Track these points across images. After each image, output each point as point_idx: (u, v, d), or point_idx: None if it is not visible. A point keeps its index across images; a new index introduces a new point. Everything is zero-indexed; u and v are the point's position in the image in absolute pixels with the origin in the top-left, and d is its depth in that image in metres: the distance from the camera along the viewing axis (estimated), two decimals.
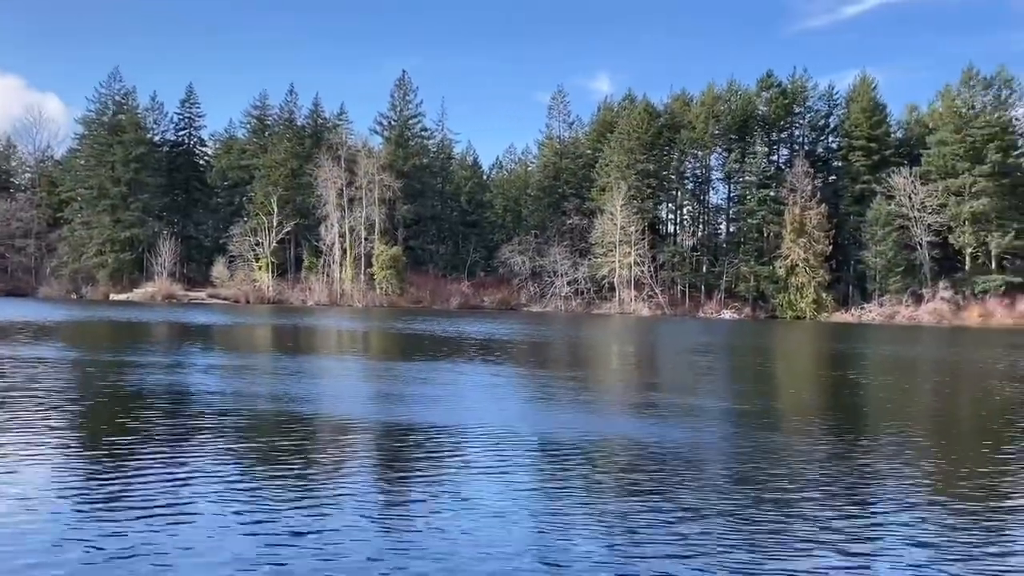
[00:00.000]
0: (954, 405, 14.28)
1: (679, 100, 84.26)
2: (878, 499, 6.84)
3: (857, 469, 7.95)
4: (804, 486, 7.15)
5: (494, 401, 12.48)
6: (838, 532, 5.79)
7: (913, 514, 6.37)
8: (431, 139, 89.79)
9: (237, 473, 7.14)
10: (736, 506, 6.38)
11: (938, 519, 6.24)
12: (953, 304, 67.54)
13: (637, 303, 74.08)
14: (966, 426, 11.68)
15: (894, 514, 6.36)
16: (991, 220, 69.27)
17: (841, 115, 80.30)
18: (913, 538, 5.75)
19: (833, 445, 9.24)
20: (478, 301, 75.40)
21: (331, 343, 26.98)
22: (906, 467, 8.19)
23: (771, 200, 74.64)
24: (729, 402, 13.55)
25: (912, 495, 7.00)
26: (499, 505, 6.30)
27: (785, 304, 71.94)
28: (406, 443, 8.85)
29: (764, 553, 5.29)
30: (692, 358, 24.01)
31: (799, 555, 5.30)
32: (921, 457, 8.74)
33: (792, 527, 5.90)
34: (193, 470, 7.14)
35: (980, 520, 6.28)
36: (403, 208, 79.93)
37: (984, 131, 70.36)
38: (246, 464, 7.56)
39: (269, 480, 6.90)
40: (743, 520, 6.01)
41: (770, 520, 6.04)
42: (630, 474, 7.52)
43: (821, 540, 5.61)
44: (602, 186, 78.89)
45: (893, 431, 10.39)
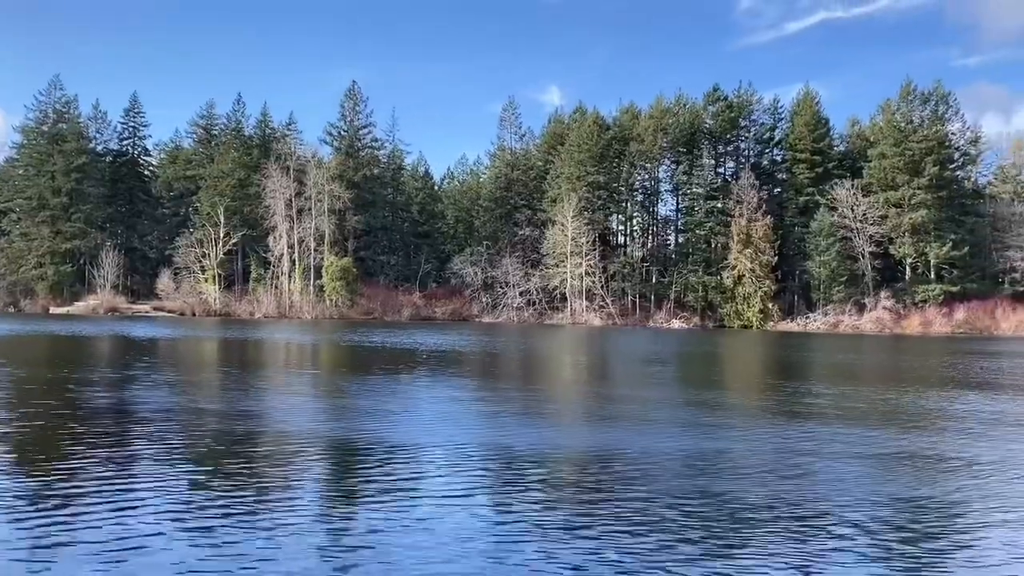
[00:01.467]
0: (895, 409, 14.62)
1: (628, 113, 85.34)
2: (828, 504, 6.94)
3: (803, 475, 8.07)
4: (755, 493, 7.23)
5: (446, 414, 12.41)
6: (788, 540, 5.87)
7: (861, 515, 6.48)
8: (382, 149, 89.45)
9: (182, 494, 6.96)
10: (688, 516, 6.43)
11: (886, 517, 6.37)
12: (894, 313, 69.45)
13: (588, 313, 74.56)
14: (911, 428, 11.95)
15: (843, 522, 6.46)
16: (929, 231, 71.46)
17: (785, 128, 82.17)
18: (859, 546, 5.86)
19: (782, 451, 9.37)
20: (430, 312, 75.06)
21: (279, 357, 26.59)
22: (853, 470, 8.34)
23: (718, 212, 75.93)
24: (679, 411, 13.68)
25: (860, 494, 7.12)
26: (449, 520, 6.25)
27: (732, 314, 73.17)
28: (355, 458, 8.74)
29: (716, 563, 5.34)
30: (643, 368, 24.22)
31: (753, 563, 5.36)
32: (868, 458, 8.92)
33: (744, 535, 5.97)
34: (137, 493, 6.95)
35: (932, 524, 6.42)
36: (353, 219, 79.30)
37: (922, 145, 72.66)
38: (191, 484, 7.37)
39: (215, 499, 6.74)
40: (696, 530, 6.06)
41: (722, 530, 6.10)
42: (582, 486, 7.54)
43: (771, 549, 5.68)
44: (553, 197, 79.36)
45: (840, 435, 10.58)
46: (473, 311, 77.03)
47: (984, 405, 14.80)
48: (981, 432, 11.51)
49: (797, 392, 17.87)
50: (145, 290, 78.32)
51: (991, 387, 18.68)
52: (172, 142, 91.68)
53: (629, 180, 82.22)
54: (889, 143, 74.12)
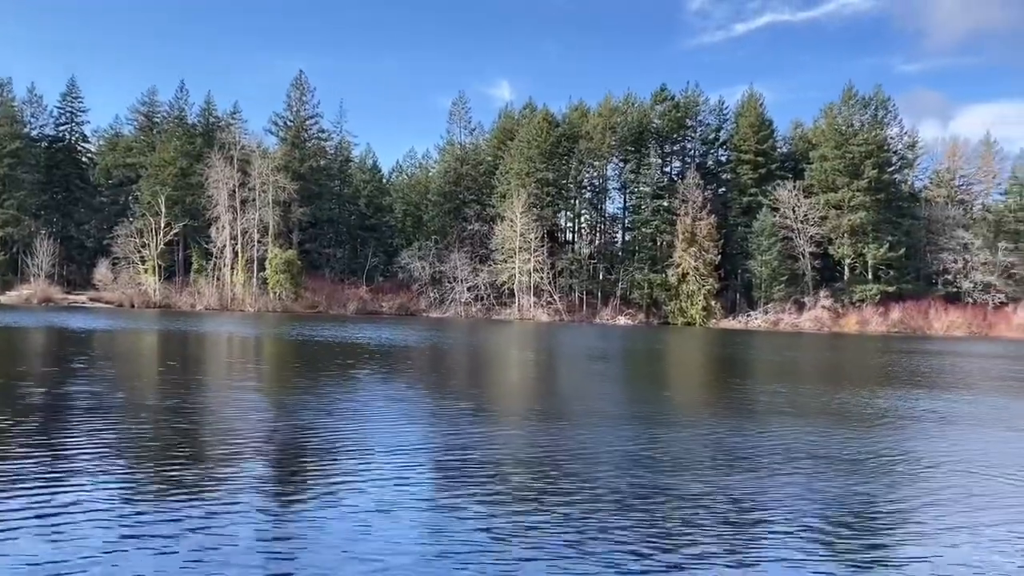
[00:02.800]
0: (837, 407, 14.99)
1: (577, 111, 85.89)
2: (768, 500, 7.08)
3: (747, 470, 8.22)
4: (696, 488, 7.34)
5: (391, 412, 12.34)
6: (727, 535, 5.98)
7: (799, 507, 6.63)
8: (329, 141, 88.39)
9: (117, 495, 6.79)
10: (632, 511, 6.50)
11: (826, 514, 6.53)
12: (833, 312, 71.33)
13: (536, 309, 74.85)
14: (853, 426, 12.26)
15: (782, 518, 6.60)
16: (867, 232, 73.53)
17: (730, 129, 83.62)
18: (795, 541, 5.99)
19: (724, 448, 9.53)
20: (376, 307, 74.50)
21: (222, 351, 26.09)
22: (795, 467, 8.52)
23: (664, 210, 76.92)
24: (624, 408, 13.83)
25: (800, 490, 7.29)
26: (393, 519, 6.22)
27: (676, 311, 74.26)
28: (297, 456, 8.64)
29: (658, 556, 5.41)
30: (589, 365, 24.41)
31: (694, 557, 5.45)
32: (810, 456, 9.12)
33: (685, 530, 6.05)
34: (70, 493, 6.76)
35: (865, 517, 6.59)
36: (299, 211, 78.22)
37: (862, 148, 74.71)
38: (127, 484, 7.19)
39: (153, 499, 6.60)
40: (639, 525, 6.13)
41: (664, 524, 6.18)
42: (527, 483, 7.56)
43: (710, 544, 5.78)
44: (502, 193, 79.42)
45: (783, 432, 10.80)
46: (420, 306, 76.69)
47: (925, 403, 15.27)
48: (921, 429, 11.88)
49: (740, 390, 18.22)
50: (82, 280, 76.16)
51: (932, 386, 19.30)
52: (112, 129, 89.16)
53: (578, 177, 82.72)
54: (830, 146, 76.03)
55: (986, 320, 70.03)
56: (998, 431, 12.11)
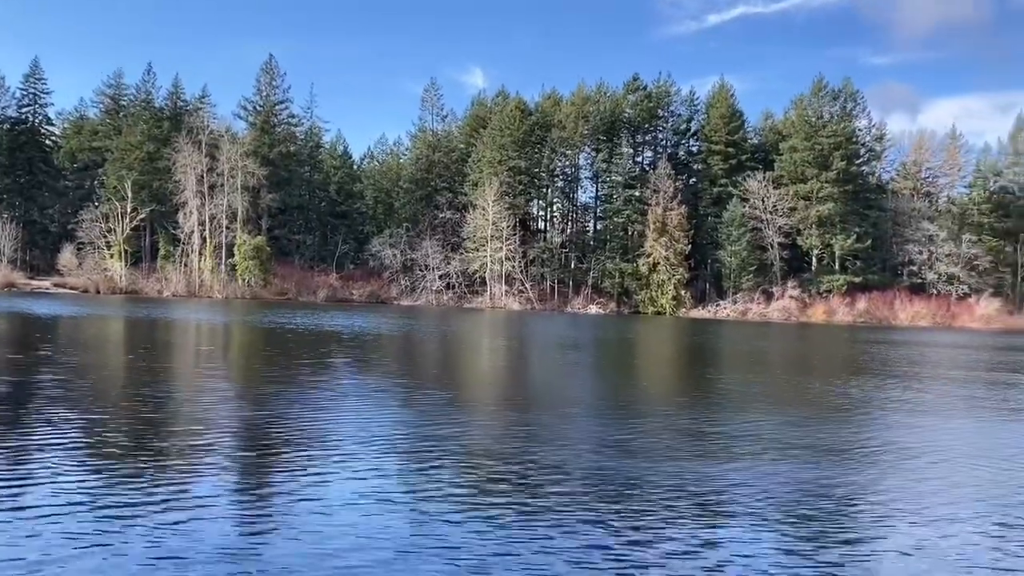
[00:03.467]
0: (803, 393, 15.19)
1: (550, 99, 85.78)
2: (735, 486, 7.13)
3: (719, 458, 8.28)
4: (665, 476, 7.37)
5: (361, 401, 12.27)
6: (693, 521, 6.02)
7: (765, 496, 6.70)
8: (299, 126, 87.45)
9: (82, 486, 6.67)
10: (602, 499, 6.52)
11: (792, 500, 6.60)
12: (800, 302, 72.19)
13: (508, 298, 74.89)
14: (817, 411, 12.42)
15: (748, 505, 6.66)
16: (835, 224, 74.43)
17: (701, 120, 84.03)
18: (761, 532, 6.05)
19: (695, 432, 9.60)
20: (347, 294, 74.04)
21: (189, 338, 25.78)
22: (762, 451, 8.60)
23: (636, 200, 77.19)
24: (597, 396, 13.89)
25: (769, 478, 7.36)
26: (362, 510, 6.18)
27: (647, 300, 74.68)
28: (265, 446, 8.55)
29: (630, 543, 5.43)
30: (561, 354, 24.47)
31: (660, 543, 5.47)
32: (776, 441, 9.22)
33: (653, 517, 6.07)
34: (34, 484, 6.63)
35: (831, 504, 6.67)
36: (268, 196, 77.37)
37: (831, 140, 75.51)
38: (93, 475, 7.07)
39: (121, 489, 6.49)
40: (608, 513, 6.14)
41: (631, 511, 6.20)
42: (499, 473, 7.55)
43: (676, 530, 5.81)
44: (474, 181, 79.21)
45: (750, 418, 10.90)
46: (391, 294, 76.37)
47: (894, 392, 15.50)
48: (891, 418, 12.06)
49: (711, 379, 18.39)
50: (45, 265, 74.74)
51: (901, 375, 19.60)
52: (77, 111, 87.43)
53: (550, 166, 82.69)
54: (800, 137, 76.76)
55: (950, 311, 71.29)
56: (965, 419, 12.34)
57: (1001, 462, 8.96)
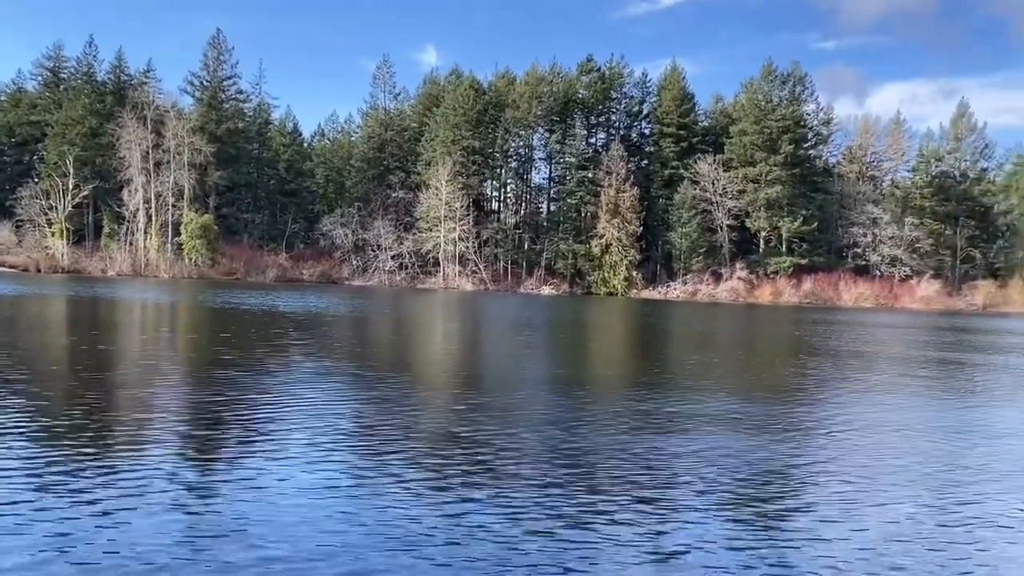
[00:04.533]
0: (747, 372, 15.50)
1: (504, 79, 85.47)
2: (687, 460, 7.26)
3: (669, 433, 8.40)
4: (615, 456, 7.46)
5: (311, 383, 12.16)
6: (642, 500, 6.11)
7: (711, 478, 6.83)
8: (247, 102, 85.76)
9: (17, 473, 6.51)
10: (551, 478, 6.57)
11: (740, 480, 6.73)
12: (748, 283, 73.53)
13: (461, 278, 74.79)
14: (765, 390, 12.67)
15: (696, 485, 6.78)
16: (783, 206, 75.77)
17: (654, 103, 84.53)
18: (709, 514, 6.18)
19: (646, 410, 9.71)
20: (297, 274, 73.18)
21: (134, 318, 25.23)
22: (711, 428, 8.75)
23: (589, 181, 77.51)
24: (550, 376, 13.98)
25: (716, 457, 7.50)
26: (305, 495, 6.16)
27: (599, 281, 75.28)
28: (213, 433, 8.43)
29: (574, 525, 5.49)
30: (514, 335, 24.55)
31: (609, 524, 5.55)
32: (727, 422, 9.38)
33: (601, 498, 6.14)
34: None
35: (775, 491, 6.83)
36: (216, 174, 75.83)
37: (779, 124, 76.68)
38: (33, 460, 6.90)
39: (61, 474, 6.35)
40: (557, 495, 6.19)
41: (580, 491, 6.26)
42: (451, 455, 7.56)
43: (626, 511, 5.89)
44: (428, 160, 78.71)
45: (697, 397, 11.09)
46: (343, 274, 75.71)
47: (835, 372, 15.90)
48: (837, 396, 12.36)
49: (662, 358, 18.63)
50: None
51: (847, 355, 20.09)
52: (14, 84, 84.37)
53: (504, 146, 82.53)
54: (749, 121, 77.77)
55: (892, 292, 73.29)
56: (906, 398, 12.71)
57: (943, 438, 9.26)
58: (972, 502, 6.60)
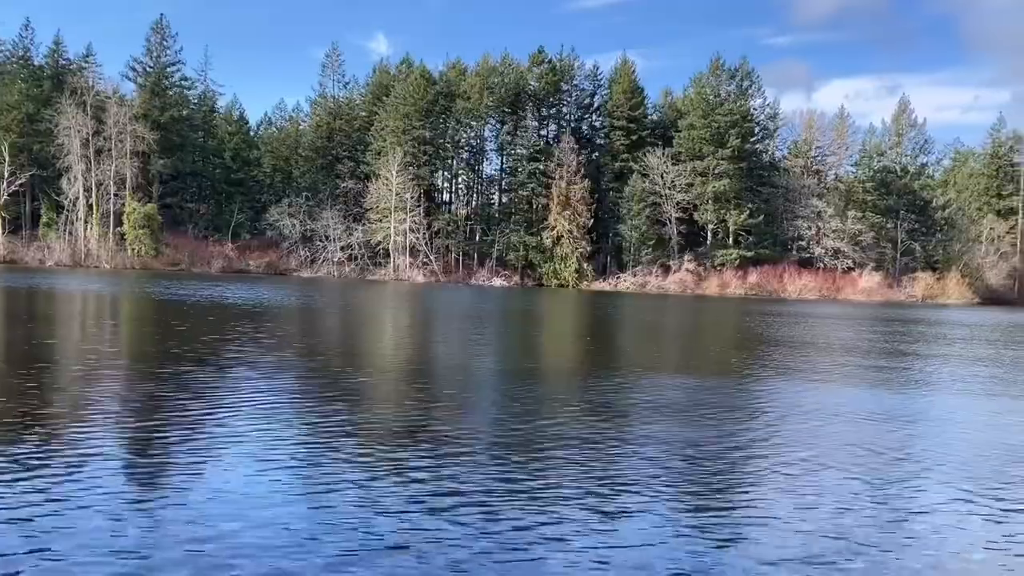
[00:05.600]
0: (694, 360, 15.71)
1: (455, 69, 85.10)
2: (632, 446, 7.32)
3: (615, 422, 8.46)
4: (562, 438, 7.49)
5: (258, 377, 11.95)
6: (590, 484, 6.14)
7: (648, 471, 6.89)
8: (192, 89, 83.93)
9: None
10: (496, 461, 6.56)
11: (684, 463, 6.81)
12: (696, 275, 74.60)
13: (412, 270, 74.41)
14: (713, 377, 12.86)
15: (640, 470, 6.84)
16: (730, 200, 76.99)
17: (604, 95, 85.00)
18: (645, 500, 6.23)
19: (596, 398, 9.77)
20: (243, 265, 72.02)
21: (73, 309, 24.51)
22: (657, 414, 8.84)
23: (540, 173, 77.70)
24: (501, 366, 13.98)
25: (662, 442, 7.58)
26: (252, 489, 6.05)
27: (550, 273, 75.62)
28: (155, 429, 8.24)
29: (516, 508, 5.49)
30: (464, 326, 24.49)
31: (553, 508, 5.55)
32: (671, 405, 9.49)
33: (547, 481, 6.15)
34: None
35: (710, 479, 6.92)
36: (159, 163, 74.17)
37: (727, 118, 77.76)
38: None
39: None
40: (500, 481, 6.18)
41: (523, 474, 6.26)
42: (399, 447, 7.50)
43: (572, 495, 5.92)
44: (377, 150, 78.06)
45: (645, 384, 11.20)
46: (290, 265, 74.73)
47: (788, 361, 16.19)
48: (782, 385, 12.58)
49: (612, 348, 18.77)
50: None
51: (795, 345, 20.48)
52: None
53: (455, 137, 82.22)
54: (698, 115, 78.72)
55: (835, 284, 75.05)
56: (846, 385, 13.01)
57: (883, 425, 9.50)
58: (912, 488, 6.78)
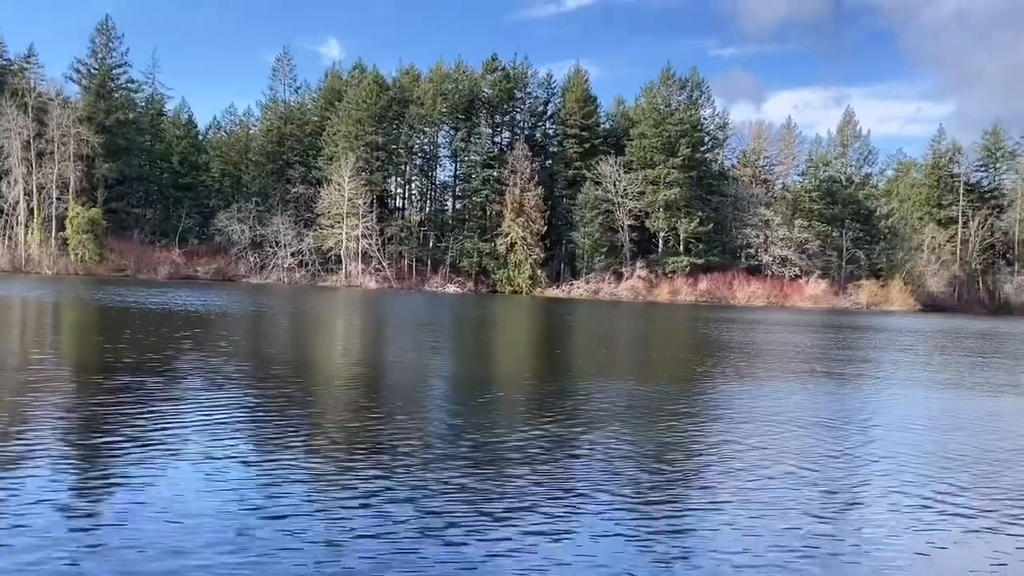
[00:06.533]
0: (645, 365, 15.84)
1: (408, 75, 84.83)
2: (581, 453, 7.34)
3: (565, 425, 8.48)
4: (510, 441, 7.49)
5: (205, 386, 11.71)
6: (540, 484, 6.14)
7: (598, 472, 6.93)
8: (139, 92, 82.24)
9: None
10: (447, 465, 6.53)
11: (632, 466, 6.85)
12: (648, 282, 75.38)
13: (364, 276, 73.82)
14: (663, 382, 12.98)
15: (591, 469, 6.87)
16: (680, 208, 77.98)
17: (558, 103, 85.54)
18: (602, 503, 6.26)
19: (547, 402, 9.79)
20: (191, 271, 70.64)
21: (12, 317, 23.76)
22: (610, 418, 8.89)
23: (494, 180, 77.81)
24: (452, 373, 13.92)
25: (613, 444, 7.61)
26: (198, 501, 5.92)
27: (504, 279, 75.70)
28: (99, 439, 8.02)
29: (469, 511, 5.46)
30: (418, 332, 24.35)
31: (505, 513, 5.54)
32: (625, 411, 9.55)
33: (498, 483, 6.14)
34: None
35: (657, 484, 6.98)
36: (104, 166, 72.44)
37: (678, 128, 78.81)
38: None
39: None
40: (452, 482, 6.15)
41: (476, 476, 6.24)
42: (348, 453, 7.42)
43: (521, 497, 5.91)
44: (329, 155, 77.36)
45: (598, 388, 11.25)
46: (239, 271, 73.53)
47: (728, 365, 16.41)
48: (727, 388, 12.75)
49: (566, 354, 18.84)
50: None
51: (742, 352, 20.77)
52: None
53: (408, 143, 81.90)
54: (649, 124, 79.64)
55: (782, 291, 76.49)
56: (794, 388, 13.24)
57: (829, 427, 9.70)
58: (858, 490, 6.93)
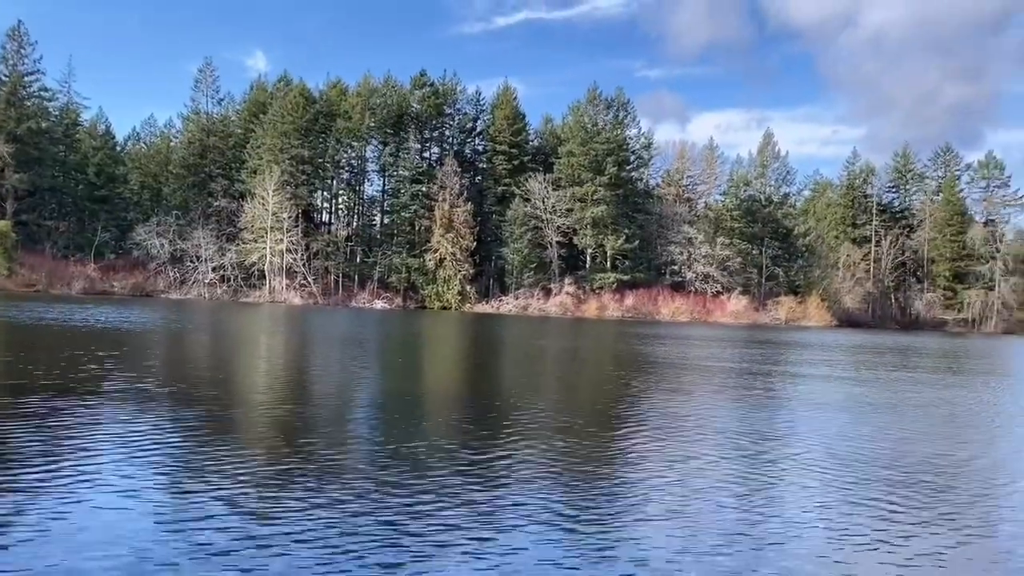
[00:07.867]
0: (579, 383, 15.88)
1: (336, 88, 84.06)
2: (511, 468, 7.27)
3: (490, 441, 8.39)
4: (441, 460, 7.37)
5: (118, 406, 11.22)
6: (473, 503, 6.04)
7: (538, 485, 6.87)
8: (53, 101, 79.24)
9: None
10: (378, 485, 6.37)
11: (564, 482, 6.81)
12: (576, 298, 76.14)
13: (289, 292, 72.50)
14: (589, 398, 13.01)
15: (524, 487, 6.80)
16: (607, 225, 79.17)
17: (487, 120, 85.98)
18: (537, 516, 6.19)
19: (478, 419, 9.69)
20: (107, 286, 68.14)
21: None
22: (537, 433, 8.84)
23: (423, 195, 77.61)
24: (377, 392, 13.68)
25: (547, 461, 7.56)
26: (113, 527, 5.62)
27: (433, 295, 75.39)
28: (7, 465, 7.56)
29: (400, 531, 5.33)
30: (342, 350, 23.93)
31: (435, 532, 5.42)
32: (546, 433, 9.51)
33: (432, 504, 6.02)
34: None
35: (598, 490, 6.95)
36: (14, 177, 69.42)
37: (604, 146, 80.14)
38: None
39: None
40: (385, 505, 6.00)
41: (408, 493, 6.11)
42: (269, 474, 7.17)
43: (451, 516, 5.80)
44: (253, 168, 75.93)
45: (529, 406, 11.20)
46: (158, 286, 71.33)
47: (661, 381, 16.58)
48: (649, 402, 12.85)
49: (492, 370, 18.75)
50: None
51: (667, 366, 21.03)
52: None
53: (335, 157, 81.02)
54: (576, 142, 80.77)
55: (705, 307, 78.25)
56: (716, 402, 13.45)
57: (750, 436, 9.85)
58: (779, 496, 7.03)
